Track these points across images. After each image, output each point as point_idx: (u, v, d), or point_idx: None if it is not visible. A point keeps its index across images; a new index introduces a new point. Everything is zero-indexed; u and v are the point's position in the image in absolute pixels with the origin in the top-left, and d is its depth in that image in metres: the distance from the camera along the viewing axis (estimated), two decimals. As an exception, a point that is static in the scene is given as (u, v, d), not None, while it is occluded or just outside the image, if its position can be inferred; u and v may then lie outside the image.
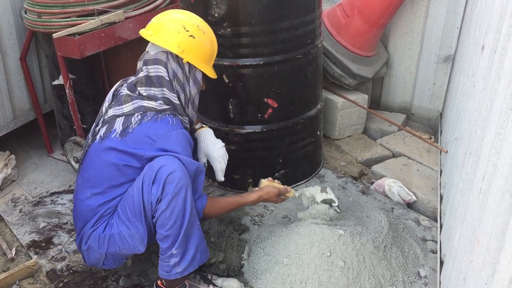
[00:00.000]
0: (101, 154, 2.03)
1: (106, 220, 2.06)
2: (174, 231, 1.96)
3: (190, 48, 2.05)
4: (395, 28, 3.61)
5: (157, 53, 2.06)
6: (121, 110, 2.05)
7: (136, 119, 2.00)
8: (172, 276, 2.06)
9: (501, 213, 1.25)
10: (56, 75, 3.09)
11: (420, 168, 3.09)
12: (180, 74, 2.09)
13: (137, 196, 1.94)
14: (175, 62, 2.07)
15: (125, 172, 2.01)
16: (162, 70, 2.05)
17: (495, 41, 1.71)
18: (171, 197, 1.91)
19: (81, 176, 2.13)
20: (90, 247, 2.07)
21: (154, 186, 1.91)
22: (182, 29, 2.04)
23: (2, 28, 3.08)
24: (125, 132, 1.99)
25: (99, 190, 2.04)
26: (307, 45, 2.70)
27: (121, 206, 2.02)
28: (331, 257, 2.24)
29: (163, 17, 2.13)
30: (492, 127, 1.50)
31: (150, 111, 2.01)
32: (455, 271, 1.81)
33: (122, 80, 2.22)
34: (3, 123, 3.22)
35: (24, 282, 2.37)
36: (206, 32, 2.13)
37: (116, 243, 2.04)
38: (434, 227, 2.62)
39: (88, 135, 2.18)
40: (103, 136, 2.04)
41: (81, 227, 2.11)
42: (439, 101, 3.59)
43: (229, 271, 2.36)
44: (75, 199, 2.15)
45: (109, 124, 2.06)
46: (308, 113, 2.89)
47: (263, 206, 2.83)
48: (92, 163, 2.07)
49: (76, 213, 2.14)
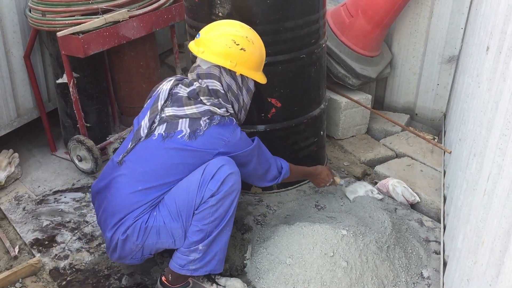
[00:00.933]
0: (163, 152, 2.06)
1: (148, 212, 2.07)
2: (209, 228, 2.04)
3: (242, 61, 2.11)
4: (399, 28, 3.60)
5: (210, 67, 2.12)
6: (183, 112, 2.09)
7: (204, 122, 2.07)
8: (183, 271, 2.10)
9: (506, 214, 1.25)
10: (60, 73, 3.10)
11: (423, 169, 3.08)
12: (234, 86, 2.16)
13: (192, 189, 2.01)
14: (229, 75, 2.13)
15: (184, 169, 2.07)
16: (217, 84, 2.12)
17: (501, 41, 1.71)
18: (223, 196, 2.02)
19: (129, 168, 2.12)
20: (128, 237, 2.07)
21: (212, 181, 2.00)
22: (232, 44, 2.09)
23: (7, 27, 3.08)
24: (195, 135, 2.05)
25: (153, 185, 2.07)
26: (311, 45, 2.70)
27: (170, 198, 2.06)
28: (334, 257, 2.24)
29: (212, 33, 2.15)
30: (497, 128, 1.50)
31: (217, 115, 2.09)
32: (458, 272, 1.80)
33: (175, 79, 2.23)
34: (7, 121, 3.23)
35: (27, 280, 2.38)
36: (255, 42, 2.16)
37: (157, 235, 2.06)
38: (438, 228, 2.61)
39: (138, 130, 2.16)
40: (165, 135, 2.07)
41: (119, 217, 2.09)
42: (443, 101, 3.57)
43: (232, 271, 2.36)
44: (116, 188, 2.12)
45: (170, 124, 2.09)
46: (312, 113, 2.89)
47: (266, 205, 2.84)
48: (151, 159, 2.09)
49: (116, 203, 2.11)
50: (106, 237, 2.16)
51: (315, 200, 2.88)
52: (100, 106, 3.34)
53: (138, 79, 3.43)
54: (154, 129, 2.11)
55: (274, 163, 2.34)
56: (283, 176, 2.37)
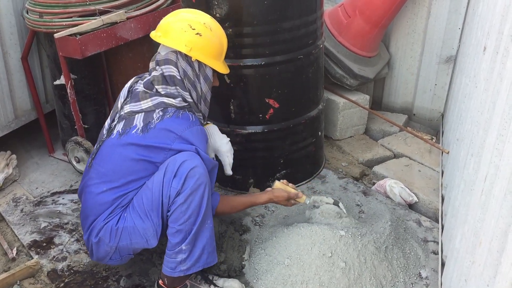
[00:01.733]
0: (120, 149, 2.06)
1: (119, 213, 2.07)
2: (187, 226, 2.00)
3: (198, 46, 2.08)
4: (397, 29, 3.60)
5: (167, 53, 2.11)
6: (140, 107, 2.08)
7: (157, 115, 2.04)
8: (176, 273, 2.08)
9: (504, 214, 1.25)
10: (58, 75, 3.10)
11: (421, 169, 3.08)
12: (190, 72, 2.12)
13: (156, 189, 1.98)
14: (185, 61, 2.10)
15: (144, 167, 2.05)
16: (174, 69, 2.09)
17: (497, 42, 1.71)
18: (190, 192, 1.96)
19: (94, 170, 2.13)
20: (100, 240, 2.08)
21: (175, 179, 1.96)
22: (188, 28, 2.08)
23: (4, 28, 3.08)
24: (147, 128, 2.03)
25: (116, 184, 2.06)
26: (308, 45, 2.70)
27: (137, 199, 2.05)
28: (332, 258, 2.24)
29: (170, 18, 2.17)
30: (494, 128, 1.50)
31: (171, 107, 2.06)
32: (456, 272, 1.80)
33: (137, 77, 2.25)
34: (5, 123, 3.22)
35: (25, 282, 2.37)
36: (213, 29, 2.15)
37: (128, 236, 2.05)
38: (436, 228, 2.61)
39: (102, 131, 2.19)
40: (121, 132, 2.07)
41: (91, 220, 2.10)
42: (441, 102, 3.58)
43: (230, 272, 2.36)
44: (86, 192, 2.15)
45: (127, 120, 2.09)
46: (310, 113, 2.89)
47: (264, 206, 2.83)
48: (110, 158, 2.09)
49: (86, 206, 2.13)
50: (84, 239, 2.19)
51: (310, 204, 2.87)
52: (98, 108, 3.33)
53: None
54: (114, 127, 2.12)
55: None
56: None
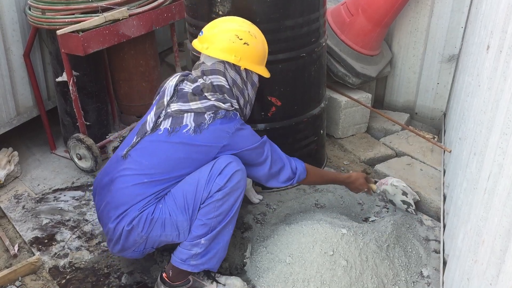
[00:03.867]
0: (168, 145, 2.09)
1: (154, 204, 2.08)
2: (213, 222, 2.07)
3: (246, 55, 2.14)
4: (399, 27, 3.60)
5: (214, 63, 2.14)
6: (189, 106, 2.11)
7: (209, 116, 2.08)
8: (184, 266, 2.12)
9: (507, 213, 1.25)
10: (60, 72, 3.10)
11: (423, 168, 3.08)
12: (239, 80, 2.18)
13: (201, 184, 2.04)
14: (233, 70, 2.15)
15: (188, 164, 2.09)
16: (222, 79, 2.14)
17: (501, 40, 1.70)
18: (229, 191, 2.06)
19: (134, 161, 2.12)
20: (133, 228, 2.07)
21: (220, 176, 2.04)
22: (236, 39, 2.12)
23: (6, 25, 3.08)
24: (200, 129, 2.07)
25: (158, 178, 2.08)
26: (311, 43, 2.69)
27: (177, 192, 2.07)
28: (334, 256, 2.24)
29: (215, 29, 2.19)
30: (498, 127, 1.49)
31: (221, 110, 2.11)
32: (458, 271, 1.80)
33: (181, 75, 2.25)
34: (7, 120, 3.23)
35: (27, 279, 2.37)
36: (257, 36, 2.20)
37: (162, 226, 2.07)
38: (437, 227, 2.61)
39: (143, 126, 2.17)
40: (171, 130, 2.09)
41: (124, 209, 2.09)
42: (443, 100, 3.57)
43: (232, 269, 2.36)
44: (120, 180, 2.13)
45: (175, 118, 2.10)
46: (312, 111, 2.88)
47: (265, 204, 2.83)
48: (154, 152, 2.10)
49: (119, 194, 2.11)
50: (109, 228, 2.14)
51: (315, 198, 2.88)
52: (99, 105, 3.34)
53: (138, 77, 3.42)
54: (160, 123, 2.13)
55: (287, 163, 2.29)
56: (298, 177, 2.32)
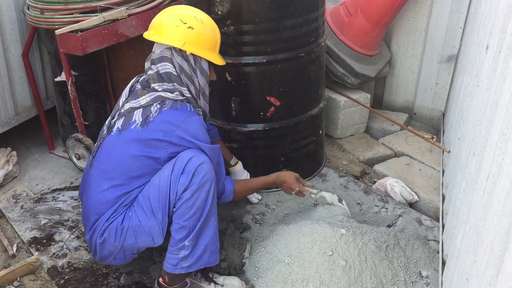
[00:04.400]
0: (120, 145, 2.06)
1: (123, 212, 2.06)
2: (191, 222, 2.01)
3: (191, 39, 2.07)
4: (398, 27, 3.60)
5: (162, 51, 2.10)
6: (138, 103, 2.09)
7: (155, 108, 2.05)
8: (178, 270, 2.08)
9: (506, 213, 1.25)
10: (58, 71, 3.09)
11: (422, 168, 3.08)
12: (186, 66, 2.11)
13: (164, 185, 1.99)
14: (180, 56, 2.10)
15: (145, 163, 2.05)
16: (169, 66, 2.08)
17: (500, 40, 1.70)
18: (197, 188, 1.98)
19: (95, 168, 2.12)
20: (105, 240, 2.06)
21: (183, 175, 1.97)
22: (180, 23, 2.07)
23: (5, 24, 3.07)
24: (146, 122, 2.03)
25: (118, 182, 2.05)
26: (310, 43, 2.69)
27: (143, 197, 2.04)
28: (332, 256, 2.24)
29: (162, 15, 2.16)
30: (497, 128, 1.49)
31: (168, 100, 2.06)
32: (457, 271, 1.80)
33: (137, 76, 2.26)
34: (5, 120, 3.22)
35: (25, 279, 2.37)
36: (204, 21, 2.14)
37: (134, 235, 2.05)
38: (436, 227, 2.61)
39: (102, 128, 2.19)
40: (121, 128, 2.07)
41: (94, 220, 2.09)
42: (442, 101, 3.58)
43: (230, 270, 2.36)
44: (88, 191, 2.14)
45: (127, 117, 2.09)
46: (311, 111, 2.88)
47: (264, 204, 2.83)
48: (110, 155, 2.08)
49: (88, 205, 2.12)
50: (87, 239, 2.17)
51: (314, 199, 2.87)
52: (98, 105, 3.33)
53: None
54: (114, 124, 2.12)
55: (222, 180, 2.22)
56: (222, 200, 2.25)
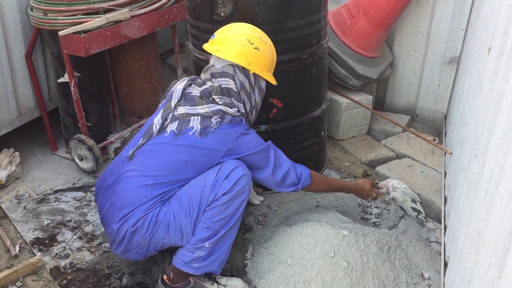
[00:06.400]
0: (173, 148, 2.10)
1: (159, 206, 2.09)
2: (217, 226, 2.08)
3: (256, 59, 2.16)
4: (401, 29, 3.60)
5: (224, 66, 2.17)
6: (196, 110, 2.13)
7: (215, 120, 2.11)
8: (187, 268, 2.12)
9: (509, 214, 1.25)
10: (61, 72, 3.10)
11: (424, 170, 3.08)
12: (247, 85, 2.20)
13: (207, 188, 2.06)
14: (242, 74, 2.18)
15: (193, 167, 2.11)
16: (231, 82, 2.16)
17: (503, 42, 1.71)
18: (235, 195, 2.07)
19: (140, 162, 2.14)
20: (137, 229, 2.07)
21: (226, 181, 2.06)
22: (247, 43, 2.15)
23: (8, 26, 3.09)
24: (206, 131, 2.09)
25: (163, 180, 2.09)
26: (312, 45, 2.70)
27: (183, 195, 2.08)
28: (335, 258, 2.24)
29: (227, 33, 2.23)
30: (499, 129, 1.50)
31: (228, 115, 2.13)
32: (459, 272, 1.80)
33: (189, 80, 2.28)
34: (8, 120, 3.23)
35: (28, 279, 2.38)
36: (267, 43, 2.23)
37: (165, 229, 2.08)
38: (438, 228, 2.61)
39: (150, 127, 2.19)
40: (177, 132, 2.11)
41: (129, 210, 2.09)
42: (444, 102, 3.58)
43: (233, 271, 2.37)
44: (125, 182, 2.13)
45: (182, 121, 2.13)
46: (313, 113, 2.89)
47: (266, 206, 2.84)
48: (160, 154, 2.12)
49: (124, 196, 2.12)
50: (113, 229, 2.13)
51: (316, 200, 2.88)
52: (101, 106, 3.34)
53: (139, 78, 3.43)
54: (167, 126, 2.16)
55: (292, 169, 2.29)
56: (302, 183, 2.32)
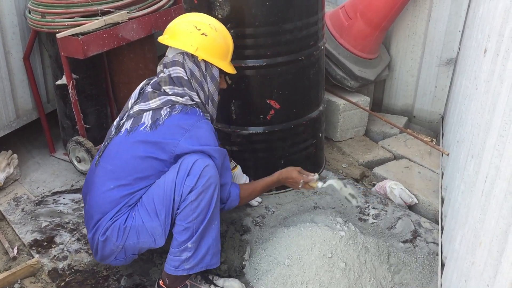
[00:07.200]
0: (128, 146, 2.09)
1: (126, 212, 2.08)
2: (195, 224, 2.03)
3: (203, 45, 2.12)
4: (398, 31, 3.61)
5: (175, 55, 2.15)
6: (148, 105, 2.12)
7: (165, 111, 2.08)
8: (179, 272, 2.10)
9: (504, 215, 1.26)
10: (59, 75, 3.10)
11: (421, 171, 3.09)
12: (197, 72, 2.15)
13: (169, 187, 2.01)
14: (191, 61, 2.14)
15: (152, 165, 2.08)
16: (180, 70, 2.13)
17: (498, 44, 1.72)
18: (202, 190, 2.01)
19: (102, 167, 2.15)
20: (107, 239, 2.08)
21: (189, 177, 2.00)
22: (194, 29, 2.13)
23: (6, 28, 3.09)
24: (155, 125, 2.06)
25: (124, 182, 2.08)
26: (310, 47, 2.71)
27: (147, 197, 2.06)
28: (332, 259, 2.24)
29: (177, 21, 2.23)
30: (495, 130, 1.51)
31: (178, 104, 2.10)
32: (456, 273, 1.81)
33: (147, 79, 2.30)
34: (6, 123, 3.23)
35: (26, 281, 2.38)
36: (218, 29, 2.20)
37: (136, 235, 2.06)
38: (435, 229, 2.62)
39: (110, 129, 2.23)
40: (130, 129, 2.10)
41: (97, 218, 2.11)
42: (441, 103, 3.59)
43: (231, 272, 2.37)
44: (92, 190, 2.16)
45: (136, 118, 2.12)
46: (310, 114, 2.89)
47: (264, 207, 2.84)
48: (117, 155, 2.11)
49: (92, 204, 2.14)
50: (89, 238, 2.19)
51: (314, 201, 2.88)
52: (99, 108, 3.34)
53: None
54: (122, 125, 2.16)
55: (228, 185, 2.24)
56: (227, 205, 2.26)
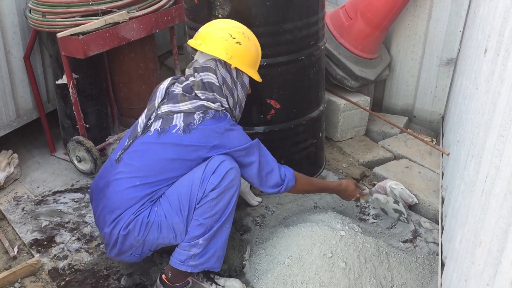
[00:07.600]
0: (158, 146, 2.11)
1: (149, 207, 2.10)
2: (210, 222, 2.08)
3: (237, 54, 2.16)
4: (398, 31, 3.61)
5: (206, 61, 2.17)
6: (178, 107, 2.14)
7: (198, 116, 2.11)
8: (184, 267, 2.13)
9: (504, 214, 1.26)
10: (60, 74, 3.11)
11: (421, 171, 3.09)
12: (229, 79, 2.19)
13: (195, 185, 2.06)
14: (224, 68, 2.17)
15: (180, 165, 2.12)
16: (212, 76, 2.16)
17: (498, 43, 1.72)
18: (224, 189, 2.07)
19: (126, 164, 2.16)
20: (129, 232, 2.09)
21: (214, 175, 2.06)
22: (229, 37, 2.15)
23: (7, 28, 3.09)
24: (189, 128, 2.09)
25: (150, 180, 2.10)
26: (310, 46, 2.71)
27: (172, 194, 2.09)
28: (332, 258, 2.25)
29: (210, 27, 2.23)
30: (495, 130, 1.51)
31: (211, 110, 2.13)
32: (456, 272, 1.81)
33: (172, 78, 2.30)
34: (7, 122, 3.24)
35: (26, 280, 2.38)
36: (250, 38, 2.23)
37: (158, 229, 2.09)
38: (436, 229, 2.62)
39: (135, 128, 2.22)
40: (160, 130, 2.12)
41: (119, 213, 2.11)
42: (441, 103, 3.59)
43: (231, 271, 2.37)
44: (113, 185, 2.15)
45: (165, 119, 2.14)
46: (311, 114, 2.90)
47: (264, 207, 2.84)
48: (145, 154, 2.13)
49: (113, 199, 2.14)
50: (105, 233, 2.17)
51: (314, 201, 2.89)
52: (99, 107, 3.35)
53: (138, 80, 3.44)
54: (150, 125, 2.16)
55: (276, 169, 2.29)
56: (286, 184, 2.30)
